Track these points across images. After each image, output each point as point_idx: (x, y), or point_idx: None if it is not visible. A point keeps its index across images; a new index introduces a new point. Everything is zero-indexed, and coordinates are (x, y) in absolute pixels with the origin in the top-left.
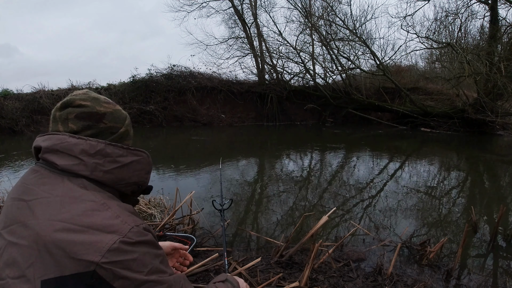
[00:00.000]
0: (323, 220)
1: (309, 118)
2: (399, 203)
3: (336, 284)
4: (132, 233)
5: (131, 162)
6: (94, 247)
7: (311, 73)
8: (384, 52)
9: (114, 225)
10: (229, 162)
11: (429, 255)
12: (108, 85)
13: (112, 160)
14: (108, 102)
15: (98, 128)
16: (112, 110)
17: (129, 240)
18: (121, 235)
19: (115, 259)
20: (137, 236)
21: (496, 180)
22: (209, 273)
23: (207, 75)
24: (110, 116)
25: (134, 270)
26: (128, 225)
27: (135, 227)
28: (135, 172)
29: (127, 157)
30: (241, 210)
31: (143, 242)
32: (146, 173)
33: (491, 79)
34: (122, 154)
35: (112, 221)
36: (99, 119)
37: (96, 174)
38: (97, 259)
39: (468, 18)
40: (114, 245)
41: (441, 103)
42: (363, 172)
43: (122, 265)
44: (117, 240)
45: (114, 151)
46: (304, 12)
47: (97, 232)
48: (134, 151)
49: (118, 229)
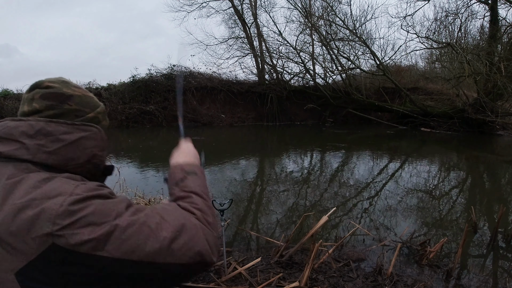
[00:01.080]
0: (323, 220)
1: (309, 118)
2: (399, 203)
3: (336, 284)
4: (79, 189)
5: (78, 139)
6: (43, 218)
7: (311, 73)
8: (384, 52)
9: (56, 188)
10: (229, 162)
11: (429, 255)
12: (108, 85)
13: (55, 139)
14: (78, 87)
15: (61, 108)
16: (81, 94)
17: (77, 197)
18: (66, 194)
19: (68, 221)
20: (87, 191)
21: (496, 180)
22: (209, 273)
23: (207, 75)
24: (77, 99)
25: (94, 225)
26: (72, 184)
27: (82, 185)
28: (85, 150)
29: (73, 133)
30: (241, 210)
31: (96, 196)
32: (100, 150)
33: (491, 79)
34: (67, 131)
35: (55, 185)
36: (64, 100)
37: (39, 157)
38: (49, 229)
39: (468, 18)
40: (61, 207)
41: (441, 103)
42: (363, 172)
43: (79, 225)
44: (63, 201)
45: (56, 128)
46: (304, 12)
47: (40, 201)
48: (82, 126)
49: (63, 191)
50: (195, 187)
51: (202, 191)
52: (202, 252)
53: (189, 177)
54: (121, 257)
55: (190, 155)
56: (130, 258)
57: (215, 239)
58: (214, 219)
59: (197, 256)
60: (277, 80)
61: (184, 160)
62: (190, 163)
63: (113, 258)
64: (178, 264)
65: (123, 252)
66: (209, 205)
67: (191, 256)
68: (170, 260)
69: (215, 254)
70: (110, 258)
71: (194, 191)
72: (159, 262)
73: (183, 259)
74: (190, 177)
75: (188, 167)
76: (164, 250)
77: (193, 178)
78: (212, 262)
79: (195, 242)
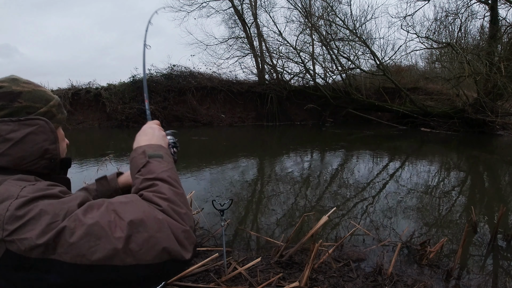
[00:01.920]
0: (323, 220)
1: (309, 118)
2: (399, 203)
3: (336, 284)
4: (25, 191)
5: (26, 136)
6: None
7: (311, 73)
8: (384, 52)
9: (4, 192)
10: (229, 162)
11: (429, 255)
12: (108, 85)
13: (3, 139)
14: (29, 82)
15: (12, 107)
16: (31, 89)
17: (23, 199)
18: (12, 198)
19: (15, 226)
20: (33, 192)
21: (496, 180)
22: (209, 273)
23: (207, 75)
24: (27, 95)
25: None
26: (19, 186)
27: (29, 186)
28: (35, 146)
29: (19, 131)
30: (241, 210)
31: (44, 196)
32: (51, 143)
33: (491, 79)
34: (13, 129)
35: (2, 190)
36: (14, 98)
37: None
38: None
39: (468, 18)
40: (7, 212)
41: (441, 103)
42: (363, 172)
43: (27, 229)
44: (9, 205)
45: (2, 128)
46: (304, 12)
47: None
48: (27, 121)
49: (9, 194)
50: (160, 172)
51: (169, 176)
52: (168, 249)
53: (153, 161)
54: (72, 262)
55: (154, 137)
56: (82, 262)
57: (186, 233)
58: (186, 208)
59: (163, 254)
60: (277, 80)
61: (146, 143)
62: (153, 145)
63: (64, 262)
64: (142, 266)
65: (73, 256)
66: (179, 192)
67: (155, 255)
68: (130, 262)
69: (187, 250)
70: (62, 262)
71: (159, 177)
72: (117, 264)
73: (147, 259)
74: (154, 161)
75: (151, 150)
76: (120, 251)
77: (157, 162)
78: (184, 259)
79: (158, 238)
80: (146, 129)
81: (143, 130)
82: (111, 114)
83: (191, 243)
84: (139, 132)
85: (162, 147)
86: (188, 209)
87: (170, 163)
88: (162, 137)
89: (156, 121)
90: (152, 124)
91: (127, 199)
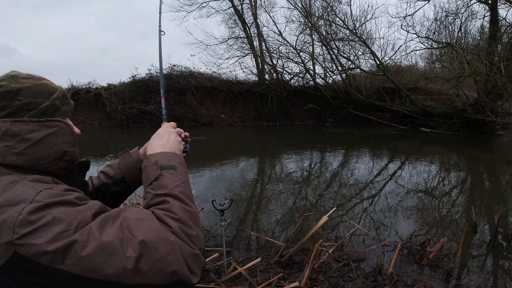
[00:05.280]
0: (323, 220)
1: (309, 118)
2: (399, 203)
3: (336, 284)
4: (40, 196)
5: (45, 137)
6: (5, 226)
7: (311, 73)
8: (384, 52)
9: (19, 195)
10: (229, 162)
11: (429, 255)
12: (108, 85)
13: (22, 139)
14: (29, 77)
15: (12, 107)
16: (31, 84)
17: (37, 205)
18: (27, 202)
19: (26, 230)
20: (48, 198)
21: (496, 180)
22: (209, 273)
23: (207, 75)
24: (26, 91)
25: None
26: (35, 190)
27: (45, 190)
28: (54, 147)
29: (39, 131)
30: (241, 210)
31: (58, 203)
32: (71, 145)
33: (491, 79)
34: (33, 130)
35: (18, 191)
36: (13, 97)
37: (9, 159)
38: (10, 238)
39: (468, 18)
40: (20, 216)
41: (441, 103)
42: (363, 172)
43: (37, 235)
44: (22, 209)
45: (21, 128)
46: (304, 12)
47: (5, 209)
48: (47, 122)
49: (25, 197)
50: (173, 188)
51: (182, 192)
52: (177, 272)
53: (165, 174)
54: (81, 274)
55: (169, 143)
56: (90, 276)
57: (196, 257)
58: (197, 229)
59: (172, 276)
60: (277, 80)
61: (160, 150)
62: (167, 154)
63: (73, 273)
64: (150, 285)
65: (82, 269)
66: (191, 210)
67: (164, 276)
68: (139, 281)
69: (195, 274)
70: (70, 273)
71: (171, 193)
72: (125, 283)
73: (155, 280)
74: (166, 173)
75: (164, 160)
76: (129, 271)
77: (170, 175)
78: (192, 283)
79: (168, 261)
80: (162, 132)
81: (159, 134)
82: (111, 114)
83: (199, 267)
84: (154, 134)
85: (176, 155)
86: (199, 229)
87: (184, 174)
88: (178, 143)
89: (172, 123)
90: (169, 127)
91: (142, 216)
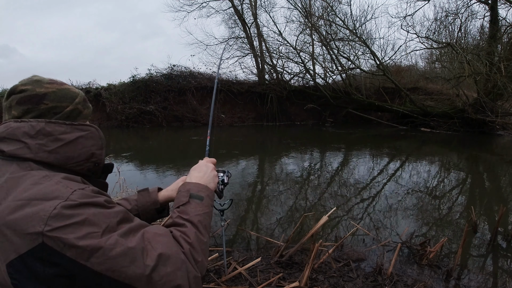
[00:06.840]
0: (323, 220)
1: (309, 118)
2: (399, 203)
3: (336, 284)
4: (75, 195)
5: (77, 139)
6: (37, 217)
7: (311, 73)
8: (384, 52)
9: (54, 191)
10: (229, 162)
11: (429, 255)
12: (108, 85)
13: (55, 138)
14: (52, 82)
15: (38, 110)
16: (56, 89)
17: (72, 203)
18: (62, 199)
19: (59, 224)
20: (82, 198)
21: (496, 180)
22: (209, 273)
23: (207, 75)
24: (52, 96)
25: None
26: (70, 188)
27: (79, 190)
28: (84, 149)
29: (71, 133)
30: (241, 210)
31: (91, 204)
32: (99, 148)
33: (491, 79)
34: (65, 131)
35: (53, 187)
36: (39, 101)
37: (41, 156)
38: (40, 229)
39: (468, 18)
40: (55, 210)
41: (441, 103)
42: (363, 172)
43: (69, 230)
44: (58, 204)
45: (55, 128)
46: (304, 12)
47: (38, 202)
48: (79, 126)
49: (60, 194)
50: (194, 216)
51: (200, 221)
52: (181, 287)
53: (192, 203)
54: (102, 272)
55: (205, 177)
56: (111, 276)
57: (197, 279)
58: (203, 257)
59: None
60: (277, 80)
61: (196, 181)
62: (200, 186)
63: (95, 271)
64: None
65: (106, 268)
66: (203, 240)
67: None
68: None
69: None
70: (92, 270)
71: (191, 220)
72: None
73: None
74: (193, 202)
75: (195, 190)
76: (145, 277)
77: (195, 204)
78: None
79: (176, 275)
80: (201, 166)
81: (199, 166)
82: (111, 114)
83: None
84: (195, 165)
85: (207, 188)
86: (205, 258)
87: (208, 206)
88: (213, 178)
89: (213, 159)
90: (209, 162)
91: (161, 232)
